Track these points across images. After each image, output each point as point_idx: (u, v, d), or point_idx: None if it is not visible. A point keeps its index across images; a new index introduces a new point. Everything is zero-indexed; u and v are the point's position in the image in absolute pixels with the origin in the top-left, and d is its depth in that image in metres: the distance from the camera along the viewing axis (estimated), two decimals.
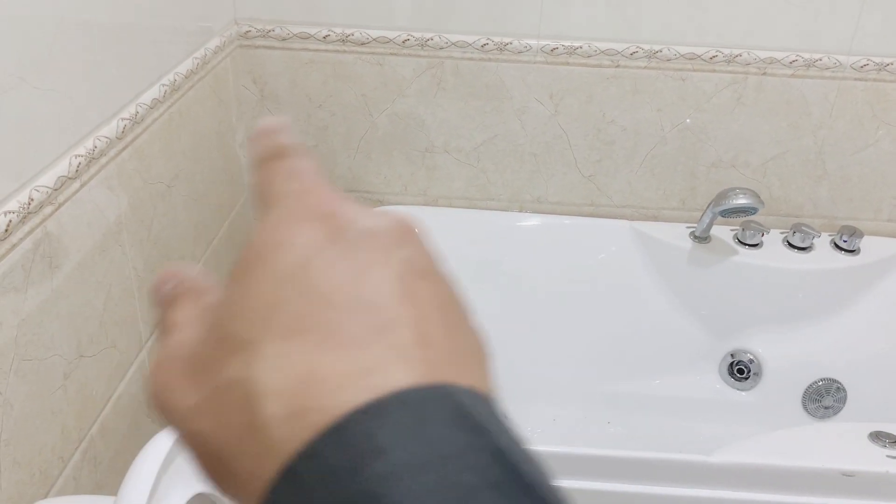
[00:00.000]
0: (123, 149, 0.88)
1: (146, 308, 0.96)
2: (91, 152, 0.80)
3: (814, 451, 0.90)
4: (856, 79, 1.26)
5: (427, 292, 0.19)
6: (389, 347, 0.18)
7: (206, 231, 1.16)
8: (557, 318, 1.39)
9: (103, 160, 0.83)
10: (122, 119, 0.87)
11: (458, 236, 1.37)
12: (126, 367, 0.91)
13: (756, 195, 1.21)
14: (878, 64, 1.25)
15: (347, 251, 0.19)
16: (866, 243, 1.35)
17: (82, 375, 0.81)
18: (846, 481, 0.86)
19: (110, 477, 0.89)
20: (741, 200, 1.19)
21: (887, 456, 0.89)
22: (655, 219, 1.40)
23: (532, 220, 1.39)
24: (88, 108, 0.81)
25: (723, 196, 1.22)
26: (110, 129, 0.84)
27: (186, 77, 1.04)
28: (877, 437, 0.92)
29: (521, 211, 1.40)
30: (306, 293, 0.18)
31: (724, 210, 1.22)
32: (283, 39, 1.25)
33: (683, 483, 0.89)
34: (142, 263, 0.94)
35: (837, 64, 1.25)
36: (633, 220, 1.39)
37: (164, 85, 0.96)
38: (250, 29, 1.25)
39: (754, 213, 1.22)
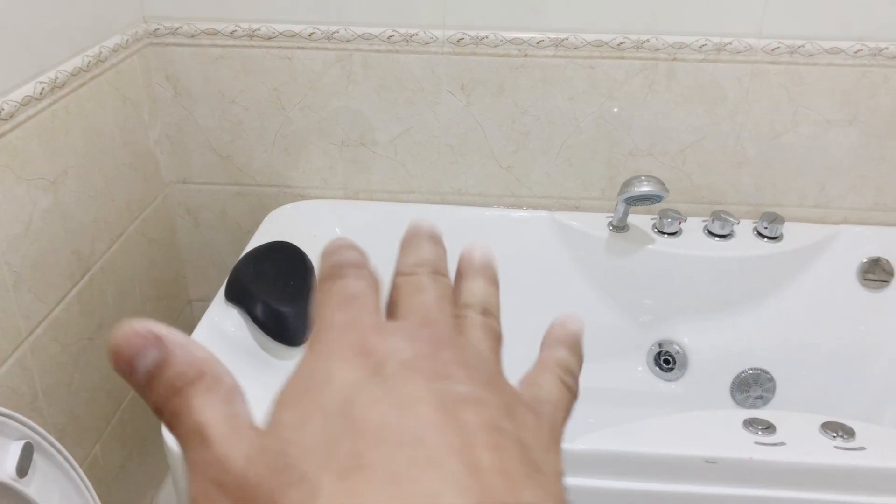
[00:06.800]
0: None
1: (24, 303, 0.97)
2: None
3: (682, 438, 0.89)
4: (769, 62, 1.24)
5: (471, 416, 0.20)
6: (441, 480, 0.18)
7: (108, 227, 1.17)
8: None
9: None
10: None
11: (381, 230, 1.36)
12: (0, 364, 0.93)
13: (660, 182, 1.19)
14: (789, 47, 1.23)
15: (388, 388, 0.20)
16: (790, 230, 1.33)
17: None
18: (709, 468, 0.85)
19: None
20: (644, 188, 1.18)
21: (755, 443, 0.87)
22: (577, 209, 1.39)
23: (454, 213, 1.38)
24: None
25: (627, 184, 1.21)
26: None
27: (74, 74, 1.05)
28: (751, 423, 0.90)
29: (442, 203, 1.39)
30: (356, 431, 0.19)
31: (629, 198, 1.20)
32: (192, 36, 1.26)
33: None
34: (18, 258, 0.95)
35: (748, 48, 1.23)
36: (554, 210, 1.38)
37: (41, 82, 0.97)
38: (159, 27, 1.26)
39: (660, 201, 1.20)
